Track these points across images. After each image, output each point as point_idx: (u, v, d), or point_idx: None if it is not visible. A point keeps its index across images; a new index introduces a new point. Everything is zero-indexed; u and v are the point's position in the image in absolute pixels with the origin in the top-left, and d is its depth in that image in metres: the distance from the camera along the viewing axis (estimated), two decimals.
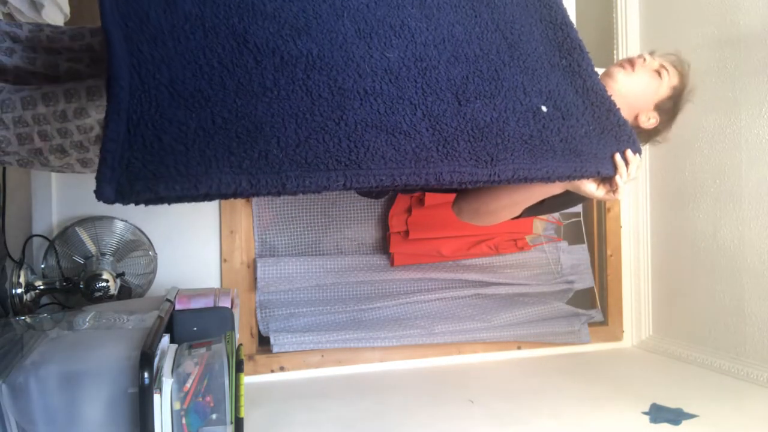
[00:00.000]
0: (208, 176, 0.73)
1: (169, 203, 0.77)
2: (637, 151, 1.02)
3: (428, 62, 0.95)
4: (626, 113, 1.17)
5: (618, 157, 1.00)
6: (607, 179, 1.03)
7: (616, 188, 1.02)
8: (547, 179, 0.94)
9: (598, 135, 1.01)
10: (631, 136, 1.03)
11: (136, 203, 0.73)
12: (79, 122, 1.00)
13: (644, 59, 1.21)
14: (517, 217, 1.25)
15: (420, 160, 0.85)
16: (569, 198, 1.18)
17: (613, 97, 1.07)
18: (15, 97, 0.99)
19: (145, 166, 0.72)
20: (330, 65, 0.87)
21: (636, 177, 1.04)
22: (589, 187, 1.05)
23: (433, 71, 0.94)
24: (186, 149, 0.74)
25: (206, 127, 0.76)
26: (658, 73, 1.22)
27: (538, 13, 1.11)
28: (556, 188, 1.09)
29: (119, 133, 0.73)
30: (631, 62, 1.21)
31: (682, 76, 1.24)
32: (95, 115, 1.00)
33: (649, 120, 1.24)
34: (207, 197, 0.77)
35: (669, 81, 1.22)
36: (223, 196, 0.77)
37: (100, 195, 0.71)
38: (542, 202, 1.17)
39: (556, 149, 0.95)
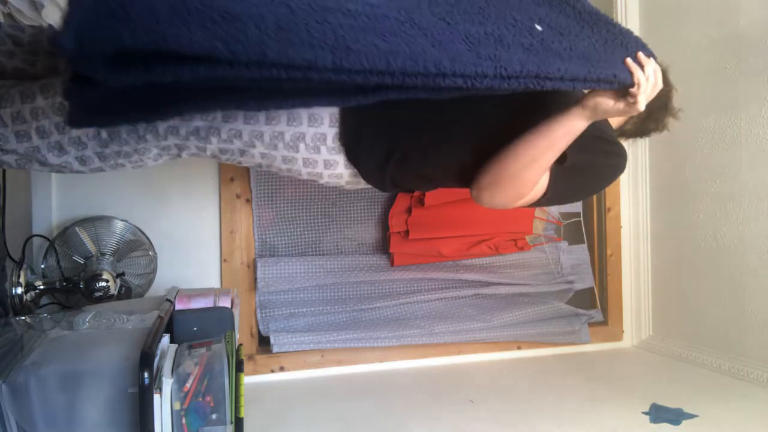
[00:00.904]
0: (179, 35, 0.68)
1: (139, 80, 0.71)
2: (649, 54, 1.01)
3: (409, 4, 0.92)
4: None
5: (630, 60, 0.98)
6: (626, 93, 1.01)
7: (635, 98, 1.00)
8: (560, 80, 0.90)
9: (603, 44, 0.99)
10: (638, 41, 1.02)
11: (100, 57, 0.67)
12: None
13: None
14: (540, 202, 1.20)
15: (415, 49, 0.81)
16: (592, 155, 1.15)
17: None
18: (14, 91, 0.99)
19: (112, 25, 0.67)
20: None
21: (656, 83, 1.01)
22: (608, 103, 1.02)
23: (416, 9, 0.91)
24: (157, 22, 0.69)
25: (177, 8, 0.71)
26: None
27: None
28: (578, 122, 1.06)
29: (84, 3, 0.68)
30: None
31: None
32: None
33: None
34: (179, 63, 0.70)
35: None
36: (196, 59, 0.70)
37: (58, 43, 0.66)
38: (563, 159, 1.12)
39: (562, 55, 0.92)
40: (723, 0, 2.04)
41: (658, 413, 1.68)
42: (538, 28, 0.96)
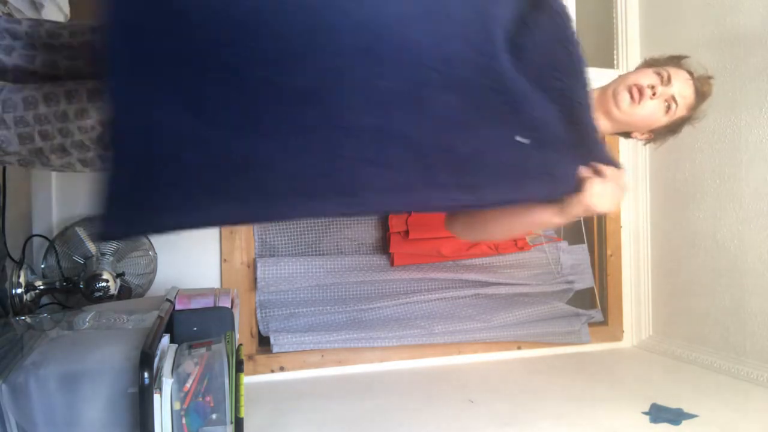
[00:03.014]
0: (200, 208, 0.82)
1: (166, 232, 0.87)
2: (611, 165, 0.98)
3: (408, 119, 0.92)
4: (619, 127, 1.16)
5: (585, 171, 0.96)
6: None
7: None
8: (527, 201, 0.99)
9: (573, 160, 1.00)
10: (606, 156, 1.01)
11: (137, 236, 0.84)
12: (81, 123, 1.00)
13: (655, 92, 1.10)
14: None
15: (409, 190, 0.90)
16: None
17: (610, 116, 1.11)
18: (16, 97, 0.99)
19: (145, 203, 0.81)
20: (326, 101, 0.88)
21: (621, 188, 0.97)
22: (578, 210, 0.99)
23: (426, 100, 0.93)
24: (182, 186, 0.82)
25: (201, 164, 0.83)
26: (668, 106, 1.12)
27: None
28: (556, 220, 1.04)
29: (122, 179, 0.83)
30: (641, 93, 1.09)
31: (692, 109, 1.16)
32: (96, 116, 1.00)
33: (642, 137, 1.20)
34: (202, 225, 0.86)
35: (674, 114, 1.14)
36: (219, 223, 0.91)
37: (106, 233, 0.81)
38: None
39: (534, 175, 0.97)
40: (723, 0, 2.04)
41: (658, 413, 1.68)
42: (526, 141, 0.98)
